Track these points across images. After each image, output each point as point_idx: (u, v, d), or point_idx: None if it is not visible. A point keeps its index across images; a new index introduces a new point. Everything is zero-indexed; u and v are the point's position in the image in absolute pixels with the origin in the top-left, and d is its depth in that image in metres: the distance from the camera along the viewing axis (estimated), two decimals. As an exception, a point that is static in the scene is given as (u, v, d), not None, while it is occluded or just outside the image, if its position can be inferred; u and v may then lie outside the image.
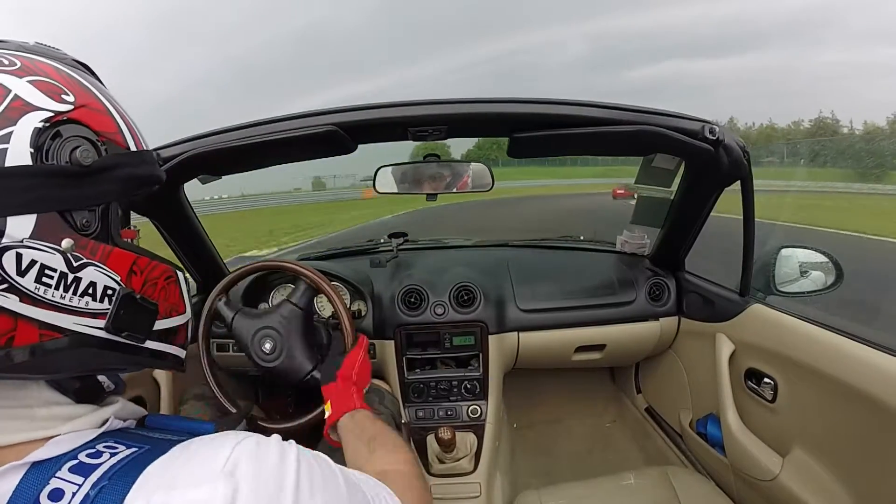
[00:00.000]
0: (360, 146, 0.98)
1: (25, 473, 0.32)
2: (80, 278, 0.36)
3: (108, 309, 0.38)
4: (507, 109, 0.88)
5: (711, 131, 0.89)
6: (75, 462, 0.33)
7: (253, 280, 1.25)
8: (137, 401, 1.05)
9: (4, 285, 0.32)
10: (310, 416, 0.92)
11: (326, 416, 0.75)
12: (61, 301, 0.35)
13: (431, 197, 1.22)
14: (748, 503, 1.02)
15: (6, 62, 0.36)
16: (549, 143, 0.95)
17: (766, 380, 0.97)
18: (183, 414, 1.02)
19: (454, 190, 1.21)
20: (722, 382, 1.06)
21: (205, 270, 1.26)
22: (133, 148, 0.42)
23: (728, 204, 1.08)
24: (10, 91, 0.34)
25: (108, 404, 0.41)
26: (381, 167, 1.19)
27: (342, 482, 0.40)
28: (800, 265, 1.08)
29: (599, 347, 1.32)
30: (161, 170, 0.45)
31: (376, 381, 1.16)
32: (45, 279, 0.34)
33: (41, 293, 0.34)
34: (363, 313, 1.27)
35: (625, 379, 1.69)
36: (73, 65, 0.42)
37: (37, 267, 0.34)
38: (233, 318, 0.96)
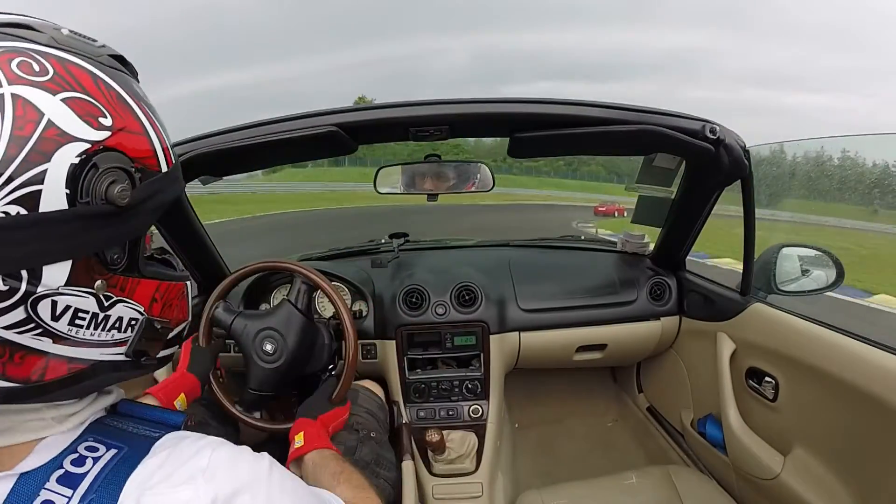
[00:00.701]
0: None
1: (14, 485, 0.33)
2: (110, 315, 0.36)
3: (130, 337, 0.39)
4: (508, 109, 0.88)
5: (712, 131, 0.89)
6: (62, 472, 0.33)
7: (253, 281, 1.25)
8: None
9: (39, 330, 0.32)
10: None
11: (297, 446, 0.76)
12: (91, 338, 0.36)
13: (432, 197, 1.23)
14: (750, 502, 1.02)
15: (36, 67, 0.32)
16: (549, 143, 0.95)
17: (768, 379, 0.97)
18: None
19: (455, 190, 1.21)
20: (723, 382, 1.06)
21: (205, 271, 1.26)
22: (164, 168, 0.39)
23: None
24: (42, 115, 0.31)
25: (105, 393, 0.42)
26: (382, 167, 1.19)
27: (306, 491, 0.45)
28: (801, 264, 1.08)
29: (601, 347, 1.32)
30: (183, 182, 0.44)
31: (358, 382, 1.15)
32: (77, 321, 0.34)
33: (73, 334, 0.34)
34: (364, 313, 1.27)
35: (626, 378, 1.69)
36: (110, 63, 0.38)
37: (71, 311, 0.34)
38: (231, 322, 0.96)
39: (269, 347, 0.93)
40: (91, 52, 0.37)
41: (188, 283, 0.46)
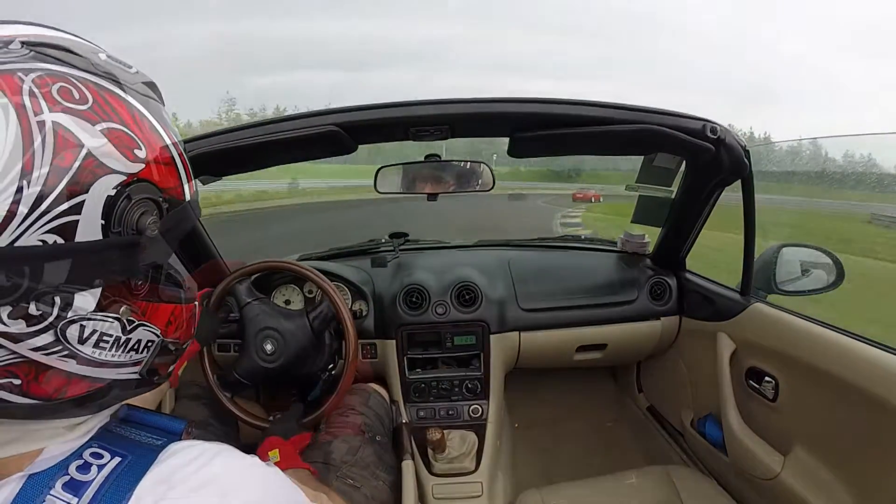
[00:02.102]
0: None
1: (23, 486, 0.33)
2: (131, 339, 0.37)
3: (146, 357, 0.40)
4: (509, 109, 0.88)
5: (713, 130, 0.89)
6: (67, 478, 0.34)
7: (253, 281, 1.25)
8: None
9: (65, 352, 0.33)
10: (302, 421, 0.93)
11: (273, 461, 0.78)
12: (111, 359, 0.36)
13: (432, 197, 1.22)
14: (750, 502, 1.02)
15: (77, 95, 0.32)
16: (550, 143, 0.95)
17: (768, 378, 0.97)
18: (181, 412, 1.02)
19: (455, 190, 1.21)
20: (723, 381, 1.06)
21: (205, 272, 1.26)
22: (188, 196, 0.40)
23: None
24: (82, 146, 0.31)
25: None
26: (382, 167, 1.19)
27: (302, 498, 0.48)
28: (801, 264, 1.08)
29: (601, 347, 1.32)
30: (199, 208, 0.44)
31: (363, 385, 1.16)
32: (101, 344, 0.35)
33: (96, 356, 0.35)
34: (364, 313, 1.27)
35: (626, 378, 1.69)
36: (144, 91, 0.38)
37: (97, 335, 0.34)
38: (247, 304, 0.97)
39: (269, 347, 0.93)
40: (127, 79, 0.37)
41: (196, 303, 0.47)
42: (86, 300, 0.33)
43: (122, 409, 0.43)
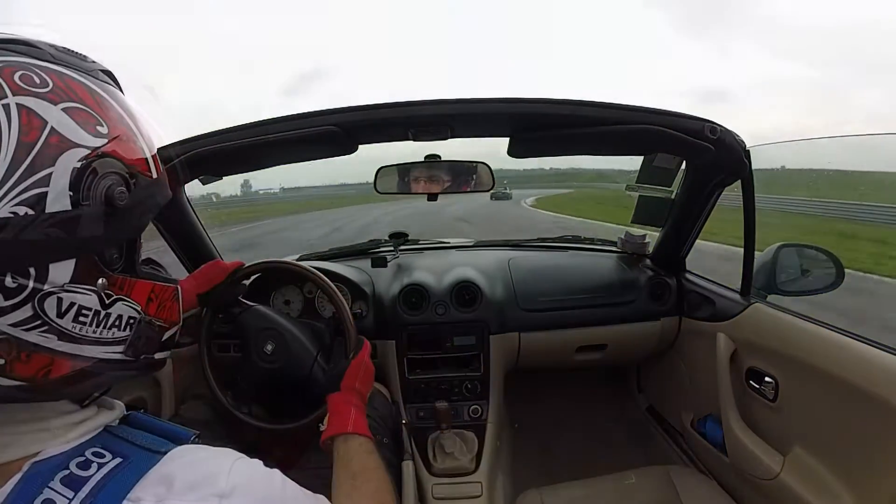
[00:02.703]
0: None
1: (22, 478, 0.34)
2: (111, 313, 0.38)
3: (129, 336, 0.40)
4: (509, 109, 0.88)
5: (712, 130, 0.89)
6: (66, 473, 0.34)
7: (253, 281, 1.24)
8: (139, 401, 1.05)
9: (45, 327, 0.34)
10: (303, 421, 0.92)
11: (323, 427, 0.74)
12: (93, 335, 0.37)
13: (432, 197, 1.22)
14: (749, 502, 1.02)
15: (37, 80, 0.34)
16: (550, 143, 0.95)
17: (768, 379, 0.97)
18: (182, 414, 1.02)
19: (454, 190, 1.21)
20: (723, 382, 1.06)
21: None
22: (155, 175, 0.42)
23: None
24: (46, 123, 0.33)
25: (107, 408, 0.43)
26: (382, 167, 1.19)
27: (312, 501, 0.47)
28: (801, 264, 1.08)
29: (601, 347, 1.32)
30: (169, 189, 0.45)
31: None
32: (81, 318, 0.36)
33: (77, 330, 0.36)
34: (364, 313, 1.27)
35: (626, 378, 1.69)
36: (102, 77, 0.41)
37: (75, 308, 0.35)
38: (247, 305, 0.96)
39: (269, 348, 0.93)
40: (85, 67, 0.40)
41: (178, 287, 0.48)
42: (60, 271, 0.34)
43: (131, 416, 0.44)
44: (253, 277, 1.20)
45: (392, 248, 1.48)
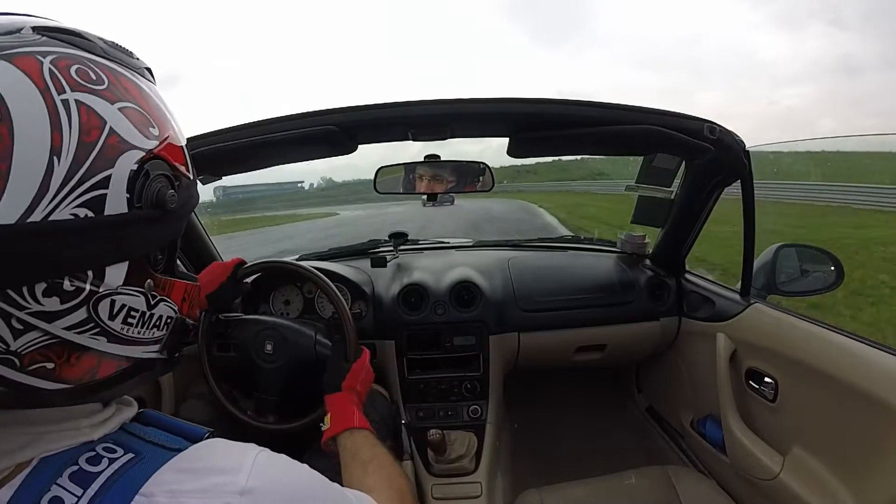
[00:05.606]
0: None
1: (30, 472, 0.33)
2: (154, 314, 0.38)
3: (164, 335, 0.41)
4: (509, 109, 0.88)
5: (712, 130, 0.89)
6: (76, 468, 0.33)
7: (253, 281, 1.24)
8: (138, 401, 1.05)
9: (97, 329, 0.34)
10: (305, 420, 0.92)
11: (325, 427, 0.74)
12: (137, 335, 0.37)
13: (432, 197, 1.22)
14: (749, 502, 1.02)
15: (93, 76, 0.33)
16: (549, 143, 0.95)
17: (767, 379, 0.97)
18: (182, 413, 1.02)
19: (454, 190, 1.21)
20: (722, 382, 1.06)
21: (203, 268, 1.26)
22: (192, 176, 0.42)
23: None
24: (105, 123, 0.32)
25: (126, 405, 0.43)
26: (382, 167, 1.19)
27: (339, 493, 0.46)
28: (800, 264, 1.08)
29: (600, 347, 1.32)
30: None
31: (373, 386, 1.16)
32: (129, 319, 0.36)
33: (125, 332, 0.36)
34: (364, 314, 1.27)
35: (626, 378, 1.69)
36: (147, 76, 0.40)
37: (125, 310, 0.35)
38: (236, 324, 0.96)
39: (268, 348, 0.93)
40: (133, 64, 0.39)
41: (199, 286, 0.49)
42: (116, 274, 0.34)
43: (144, 414, 0.43)
44: (253, 277, 1.20)
45: (391, 248, 1.48)
